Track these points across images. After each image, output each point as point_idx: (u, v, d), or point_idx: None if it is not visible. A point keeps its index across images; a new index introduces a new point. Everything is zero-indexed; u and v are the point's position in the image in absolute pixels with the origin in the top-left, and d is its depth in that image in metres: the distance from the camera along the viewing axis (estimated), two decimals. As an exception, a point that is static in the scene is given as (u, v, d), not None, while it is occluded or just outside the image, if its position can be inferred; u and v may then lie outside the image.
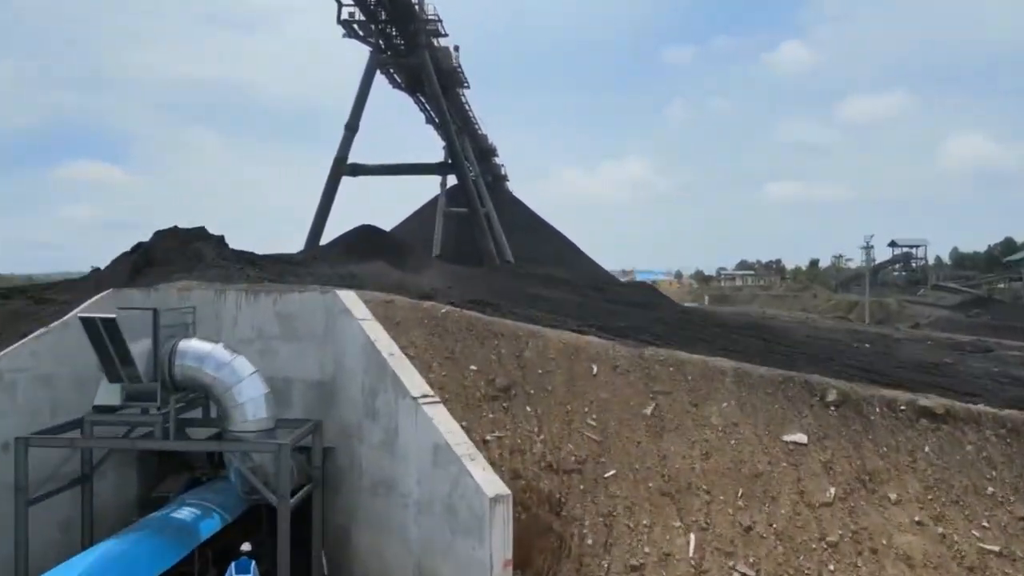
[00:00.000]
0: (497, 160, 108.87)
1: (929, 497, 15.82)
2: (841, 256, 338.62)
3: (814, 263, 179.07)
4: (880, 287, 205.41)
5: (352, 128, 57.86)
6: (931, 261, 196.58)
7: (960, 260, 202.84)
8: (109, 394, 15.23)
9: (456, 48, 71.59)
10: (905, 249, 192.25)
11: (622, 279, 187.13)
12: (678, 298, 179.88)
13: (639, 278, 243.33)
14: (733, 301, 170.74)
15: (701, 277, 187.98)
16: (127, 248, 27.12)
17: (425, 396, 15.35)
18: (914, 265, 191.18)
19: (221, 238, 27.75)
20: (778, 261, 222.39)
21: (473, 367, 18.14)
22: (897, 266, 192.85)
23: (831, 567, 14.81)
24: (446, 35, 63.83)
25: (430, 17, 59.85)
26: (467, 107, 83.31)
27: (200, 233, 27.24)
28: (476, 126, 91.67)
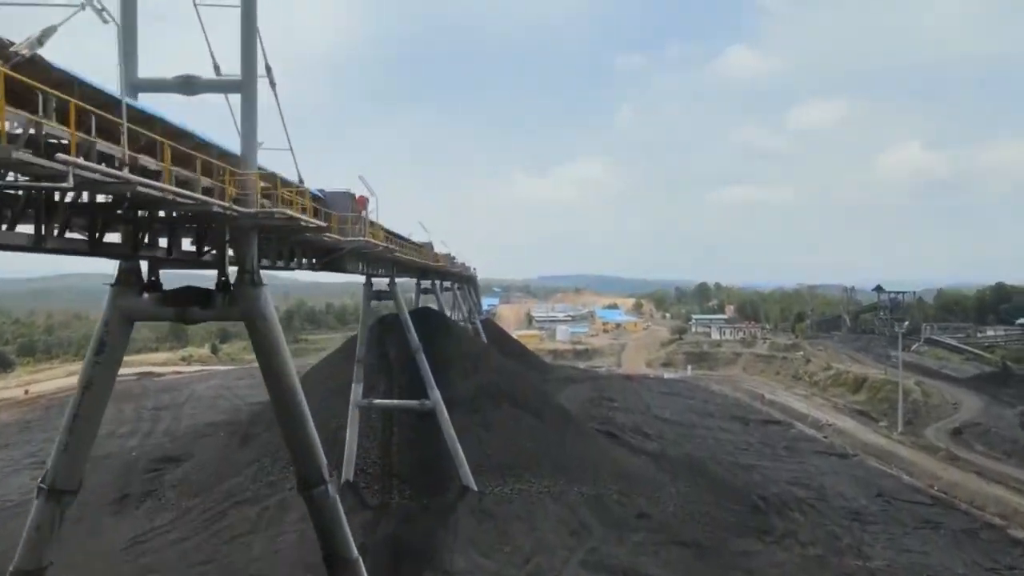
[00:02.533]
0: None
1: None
2: (814, 286, 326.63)
3: (799, 318, 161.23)
4: (861, 335, 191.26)
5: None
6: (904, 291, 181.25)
7: (947, 305, 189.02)
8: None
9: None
10: (893, 295, 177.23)
11: (568, 336, 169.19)
12: (649, 357, 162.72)
13: (602, 317, 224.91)
14: (714, 361, 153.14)
15: (677, 329, 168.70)
16: None
17: None
18: (900, 308, 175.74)
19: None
20: (754, 309, 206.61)
21: None
22: (882, 313, 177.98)
23: None
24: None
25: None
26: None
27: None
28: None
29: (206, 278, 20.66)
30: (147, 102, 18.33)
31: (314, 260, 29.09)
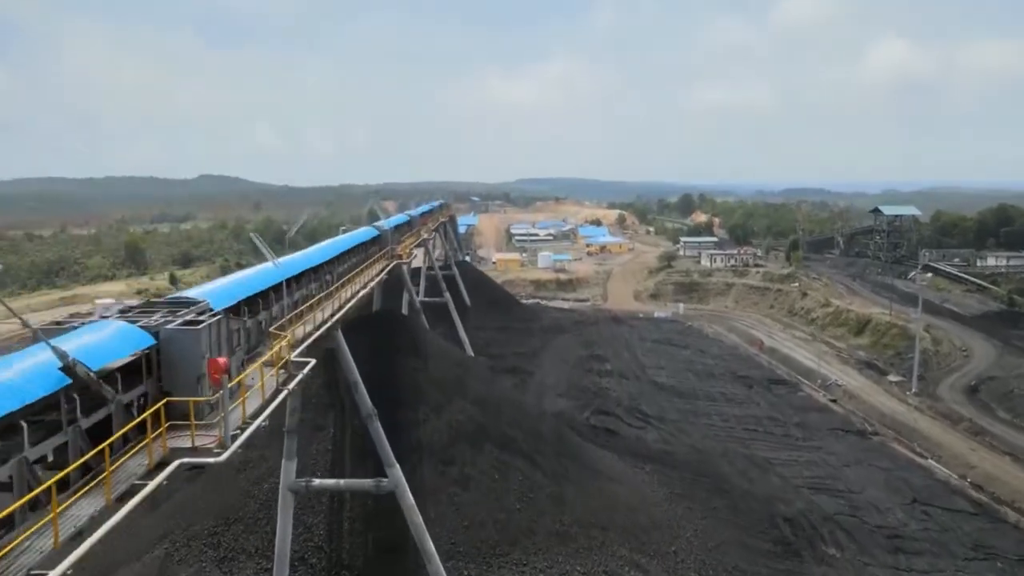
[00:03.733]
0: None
1: None
2: (802, 200, 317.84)
3: (794, 246, 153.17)
4: (856, 259, 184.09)
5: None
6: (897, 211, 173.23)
7: (944, 227, 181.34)
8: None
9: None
10: (890, 217, 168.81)
11: (558, 257, 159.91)
12: (636, 288, 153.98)
13: (585, 236, 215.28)
14: (704, 293, 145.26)
15: (665, 256, 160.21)
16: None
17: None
18: (898, 232, 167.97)
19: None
20: (744, 231, 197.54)
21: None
22: (878, 238, 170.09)
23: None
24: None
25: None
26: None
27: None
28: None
29: None
30: None
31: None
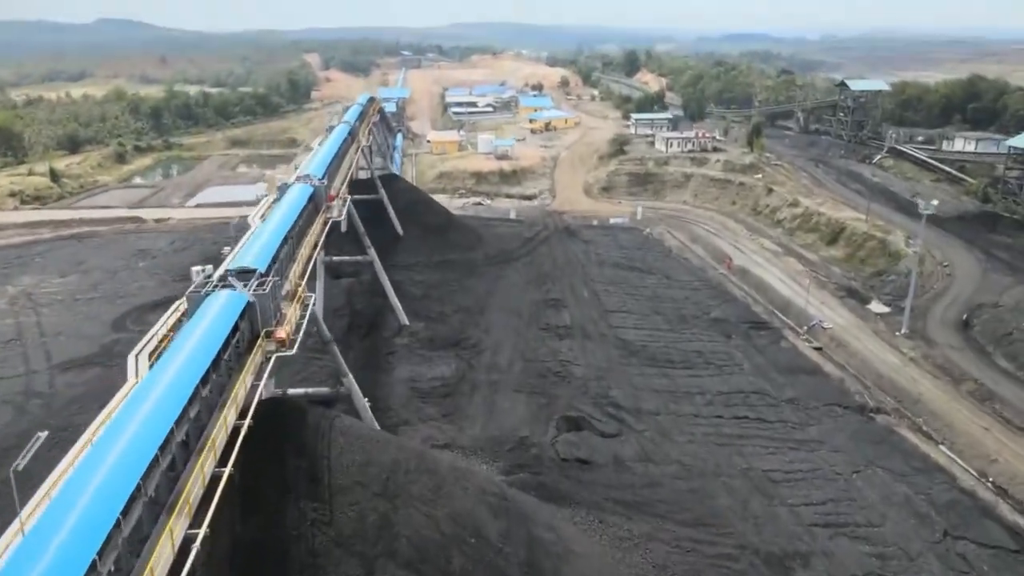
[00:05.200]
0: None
1: None
2: (751, 63, 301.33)
3: (756, 131, 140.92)
4: (816, 137, 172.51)
5: None
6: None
7: (908, 100, 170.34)
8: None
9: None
10: (857, 92, 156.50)
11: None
12: (588, 180, 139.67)
13: (533, 117, 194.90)
14: (660, 185, 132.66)
15: (616, 140, 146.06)
16: None
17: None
18: (863, 113, 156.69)
19: None
20: (698, 103, 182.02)
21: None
22: (841, 115, 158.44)
23: None
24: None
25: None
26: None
27: None
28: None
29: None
30: None
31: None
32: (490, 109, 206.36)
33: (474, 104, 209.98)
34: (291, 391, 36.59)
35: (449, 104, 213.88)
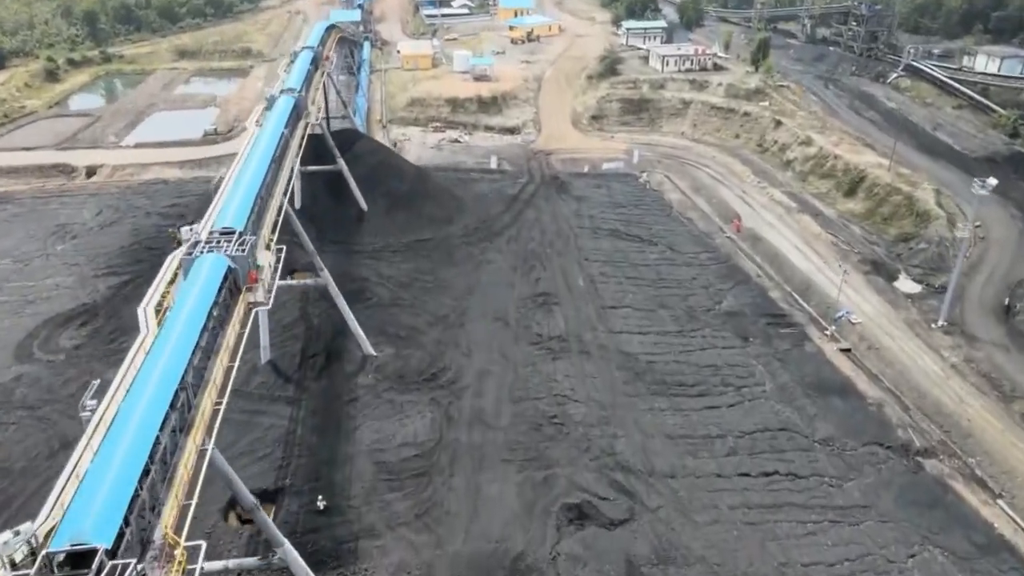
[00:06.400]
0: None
1: None
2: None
3: (762, 48, 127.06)
4: (824, 49, 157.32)
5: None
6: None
7: (923, 7, 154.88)
8: None
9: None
10: (870, 4, 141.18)
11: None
12: (576, 107, 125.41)
13: (512, 23, 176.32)
14: (656, 113, 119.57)
15: (605, 54, 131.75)
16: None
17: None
18: (876, 23, 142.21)
19: None
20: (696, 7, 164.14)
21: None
22: (854, 24, 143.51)
23: None
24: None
25: None
26: None
27: None
28: None
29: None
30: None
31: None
32: (465, 11, 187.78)
33: (448, 4, 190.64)
34: (207, 565, 26.84)
35: (421, 3, 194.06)
